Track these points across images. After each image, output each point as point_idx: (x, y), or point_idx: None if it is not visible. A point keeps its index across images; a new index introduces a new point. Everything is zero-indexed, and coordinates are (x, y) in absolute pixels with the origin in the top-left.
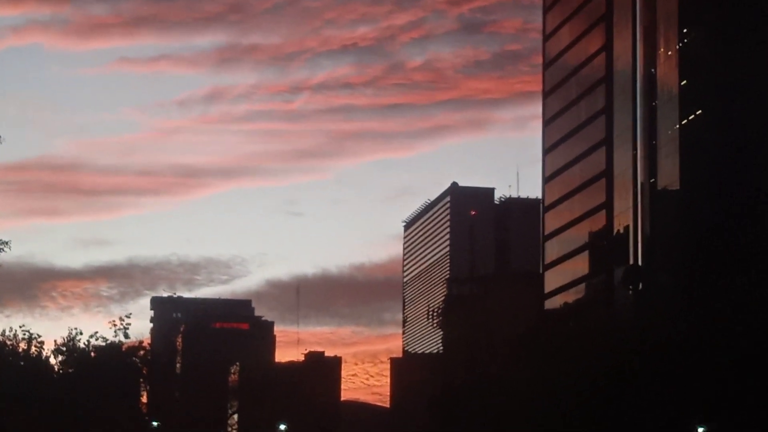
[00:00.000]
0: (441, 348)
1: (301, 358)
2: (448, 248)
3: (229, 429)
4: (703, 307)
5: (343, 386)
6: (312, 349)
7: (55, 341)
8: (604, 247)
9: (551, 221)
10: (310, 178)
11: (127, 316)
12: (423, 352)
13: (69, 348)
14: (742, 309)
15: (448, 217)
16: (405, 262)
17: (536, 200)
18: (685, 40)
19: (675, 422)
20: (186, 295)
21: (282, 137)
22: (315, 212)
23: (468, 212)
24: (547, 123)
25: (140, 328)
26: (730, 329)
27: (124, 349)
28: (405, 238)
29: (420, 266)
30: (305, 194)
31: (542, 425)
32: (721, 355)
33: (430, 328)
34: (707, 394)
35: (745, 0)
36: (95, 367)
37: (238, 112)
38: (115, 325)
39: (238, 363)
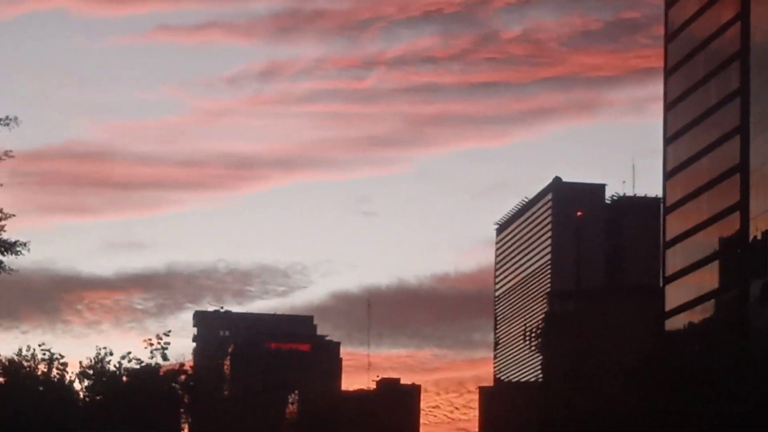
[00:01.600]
0: (540, 376)
1: (373, 386)
2: (549, 256)
3: None
4: None
5: (422, 420)
6: (385, 376)
7: (80, 363)
8: (738, 256)
9: (674, 225)
10: (386, 171)
11: (166, 334)
12: (518, 380)
13: (97, 371)
14: None
15: (550, 218)
16: (497, 273)
17: (656, 199)
18: None
19: None
20: (235, 309)
21: (352, 122)
22: (391, 212)
23: (574, 213)
24: (669, 107)
25: (181, 348)
26: None
27: (162, 373)
28: (498, 243)
29: (516, 277)
30: (379, 190)
31: None
32: None
33: (527, 351)
34: None
35: None
36: (128, 394)
37: (300, 92)
38: (151, 345)
39: (297, 391)
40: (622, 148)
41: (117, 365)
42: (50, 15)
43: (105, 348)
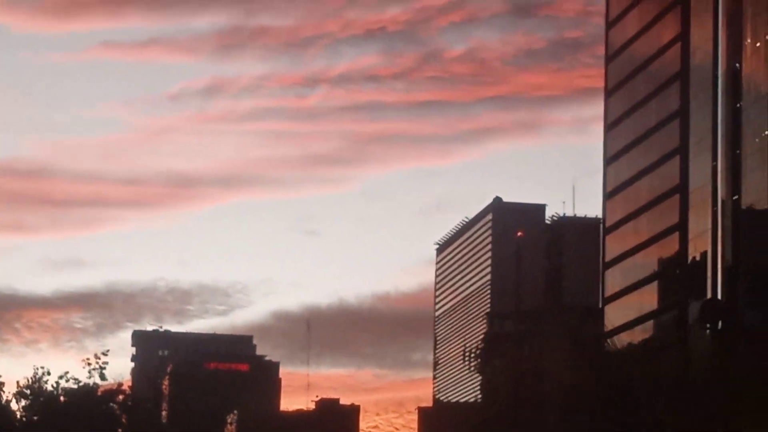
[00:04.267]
0: (479, 397)
1: (312, 405)
2: (489, 276)
3: None
4: None
5: None
6: (325, 396)
7: (17, 382)
8: (677, 276)
9: (613, 245)
10: (328, 190)
11: (105, 353)
12: (458, 400)
13: (34, 391)
14: None
15: (490, 238)
16: (437, 293)
17: (595, 220)
18: None
19: None
20: (175, 328)
21: (295, 140)
22: (333, 231)
23: (514, 233)
24: (609, 127)
25: (120, 367)
26: None
27: (100, 393)
28: (438, 263)
29: (455, 297)
30: (321, 209)
31: None
32: None
33: (467, 372)
34: None
35: None
36: (65, 414)
37: (243, 109)
38: (89, 364)
39: (236, 411)
40: (563, 168)
41: (54, 385)
42: None
43: (43, 368)
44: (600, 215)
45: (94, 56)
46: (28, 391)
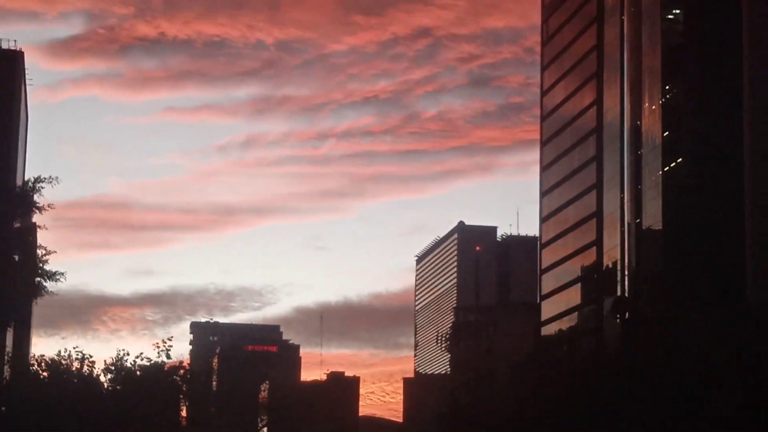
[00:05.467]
0: (449, 369)
1: (324, 377)
2: (455, 280)
3: None
4: (682, 336)
5: (361, 403)
6: (334, 370)
7: (105, 361)
8: (595, 280)
9: (547, 257)
10: (334, 216)
11: (169, 339)
12: (433, 373)
13: (117, 367)
14: (711, 338)
15: (456, 252)
16: (417, 292)
17: (534, 237)
18: (667, 96)
19: None
20: (222, 320)
21: (309, 179)
22: (338, 247)
23: (473, 248)
24: (544, 168)
25: (181, 349)
26: (701, 356)
27: (166, 369)
28: (417, 270)
29: (430, 296)
30: (329, 230)
31: None
32: (692, 376)
33: (439, 351)
34: (678, 411)
35: (720, 60)
36: (140, 384)
37: (271, 157)
38: (158, 347)
39: (267, 382)
40: (510, 199)
41: (132, 362)
42: (87, 99)
43: (123, 350)
44: (537, 234)
45: (160, 119)
46: (112, 368)
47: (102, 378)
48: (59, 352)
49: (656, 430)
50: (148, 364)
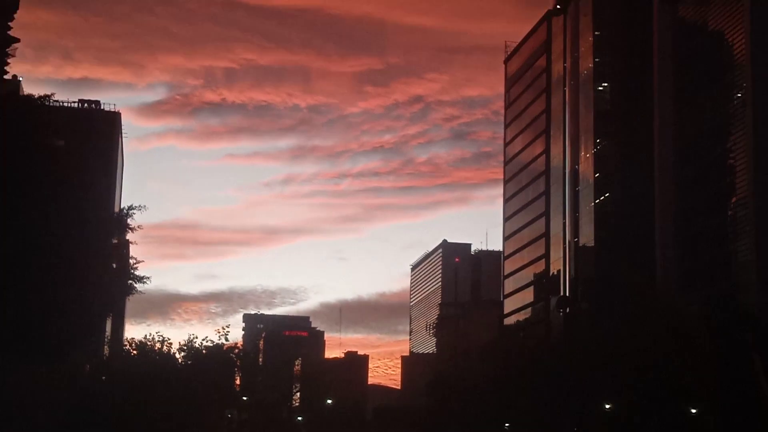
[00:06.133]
0: (435, 350)
1: (342, 355)
2: (440, 283)
3: (294, 403)
4: (606, 326)
5: (369, 374)
6: (349, 350)
7: (179, 343)
8: (543, 283)
9: (508, 266)
10: (351, 235)
11: (227, 327)
12: (423, 352)
13: (188, 347)
14: (626, 328)
15: (441, 262)
16: (411, 292)
17: (499, 252)
18: (598, 147)
19: (588, 401)
20: (266, 312)
21: (332, 208)
22: (353, 258)
23: (454, 259)
24: (506, 201)
25: (235, 334)
26: (622, 339)
27: (224, 348)
28: (411, 276)
29: (421, 295)
30: (347, 246)
31: (501, 402)
32: (617, 355)
33: (428, 336)
34: (610, 381)
35: (636, 121)
36: (205, 360)
37: (304, 191)
38: (219, 332)
39: (300, 358)
40: (481, 223)
41: (199, 344)
42: (167, 148)
43: (193, 334)
44: (501, 249)
45: (221, 162)
46: (184, 347)
47: (177, 355)
48: (145, 336)
49: (588, 388)
50: (211, 345)
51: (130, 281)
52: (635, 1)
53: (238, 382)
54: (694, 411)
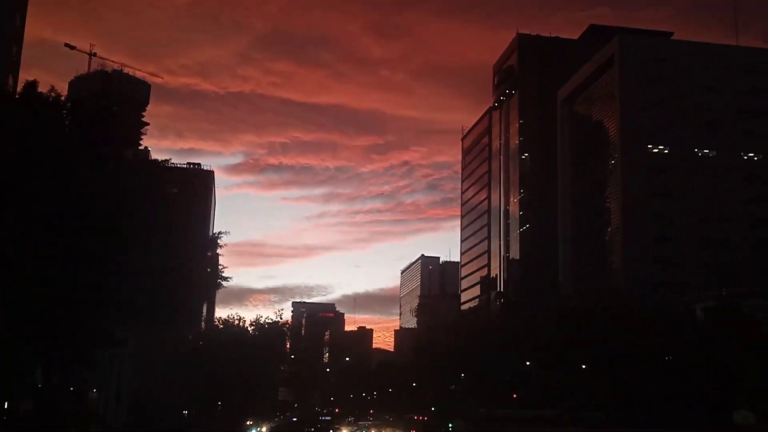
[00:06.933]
0: (416, 326)
1: (356, 329)
2: (419, 282)
3: (324, 360)
4: (527, 311)
5: (373, 342)
6: (360, 326)
7: (250, 320)
8: (486, 283)
9: (464, 271)
10: (362, 251)
11: (281, 310)
12: (409, 327)
13: (255, 323)
14: (541, 315)
15: (420, 269)
16: (401, 288)
17: (458, 262)
18: (521, 195)
19: (514, 361)
20: (307, 300)
21: (351, 233)
22: (365, 266)
23: (429, 267)
24: (462, 229)
25: (287, 315)
26: (535, 321)
27: (279, 324)
28: (401, 277)
29: (407, 290)
30: (360, 258)
31: (458, 360)
32: (532, 331)
33: (412, 317)
34: (528, 348)
35: (547, 180)
36: (266, 332)
37: (332, 222)
38: (276, 314)
39: (329, 331)
40: (445, 244)
41: (263, 321)
42: (243, 194)
43: (260, 315)
44: (459, 261)
45: (279, 204)
46: (253, 324)
47: (248, 329)
48: (228, 315)
49: (514, 352)
50: (270, 322)
51: (219, 280)
52: (545, 101)
53: (288, 346)
54: (584, 367)
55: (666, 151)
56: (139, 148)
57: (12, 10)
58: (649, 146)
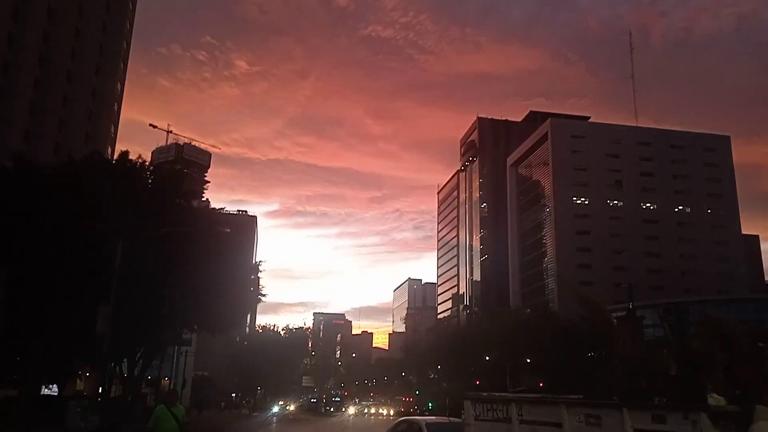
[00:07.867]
0: (404, 330)
1: (360, 333)
2: (407, 298)
3: (337, 356)
4: (486, 320)
5: (373, 343)
6: (364, 330)
7: (282, 327)
8: (456, 299)
9: (440, 290)
10: (368, 274)
11: (306, 319)
12: (399, 332)
13: (286, 329)
14: (497, 322)
15: (407, 287)
16: (393, 302)
17: (435, 283)
18: (482, 233)
19: (479, 357)
20: (323, 311)
21: (357, 261)
22: (366, 285)
23: (414, 287)
24: (438, 258)
25: (309, 323)
26: (492, 327)
27: (304, 329)
28: (394, 294)
29: (398, 303)
30: (364, 279)
31: (438, 356)
32: (490, 334)
33: (402, 323)
34: (488, 347)
35: (499, 223)
36: (294, 335)
37: (343, 253)
38: (303, 322)
39: (340, 334)
40: (426, 271)
41: (292, 328)
42: (278, 232)
43: (289, 323)
44: (436, 281)
45: (304, 239)
46: (284, 329)
47: (281, 333)
48: (265, 323)
49: (478, 350)
50: (297, 328)
51: (259, 296)
52: (498, 165)
53: (309, 346)
54: (528, 361)
55: (586, 202)
56: (202, 199)
57: (112, 100)
58: (574, 198)
